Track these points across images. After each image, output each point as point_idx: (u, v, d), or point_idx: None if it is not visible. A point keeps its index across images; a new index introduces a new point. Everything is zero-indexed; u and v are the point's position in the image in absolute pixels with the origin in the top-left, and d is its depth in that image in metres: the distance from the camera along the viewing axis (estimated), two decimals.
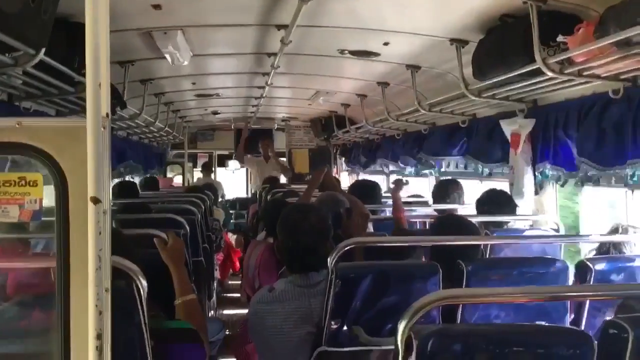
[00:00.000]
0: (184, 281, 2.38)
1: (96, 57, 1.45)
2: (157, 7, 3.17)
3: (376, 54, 4.35)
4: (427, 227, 4.17)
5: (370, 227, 3.71)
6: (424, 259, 3.07)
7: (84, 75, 3.01)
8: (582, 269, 2.48)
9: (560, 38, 2.67)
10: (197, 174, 10.84)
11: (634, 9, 2.28)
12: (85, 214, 1.42)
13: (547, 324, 2.19)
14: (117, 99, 4.24)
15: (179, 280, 2.37)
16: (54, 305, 1.44)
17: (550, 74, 2.87)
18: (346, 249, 2.26)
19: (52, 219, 1.54)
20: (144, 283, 1.74)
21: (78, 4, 1.59)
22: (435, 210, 4.38)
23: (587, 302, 2.40)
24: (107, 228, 1.43)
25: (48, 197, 1.61)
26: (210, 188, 7.20)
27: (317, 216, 2.54)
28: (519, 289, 1.76)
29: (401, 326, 1.39)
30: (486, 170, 4.46)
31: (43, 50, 2.58)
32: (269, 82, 5.52)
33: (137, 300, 1.75)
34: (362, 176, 8.42)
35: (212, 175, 9.96)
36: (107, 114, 1.47)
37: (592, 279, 2.43)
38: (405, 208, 4.14)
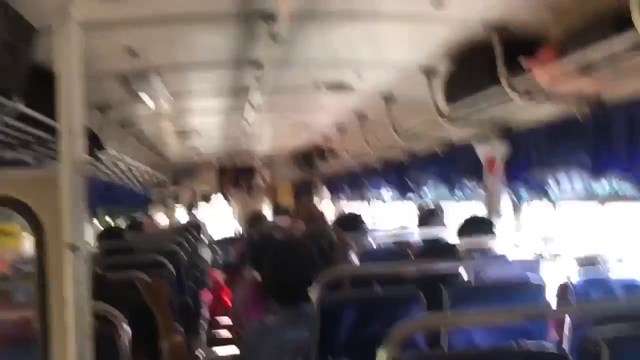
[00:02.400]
0: (168, 323, 2.39)
1: (68, 104, 1.48)
2: (132, 52, 3.22)
3: (351, 86, 4.43)
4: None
5: (355, 259, 3.72)
6: None
7: None
8: (563, 288, 2.54)
9: (521, 60, 2.75)
10: (180, 211, 10.80)
11: (592, 32, 2.38)
12: (64, 262, 1.43)
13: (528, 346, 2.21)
14: (94, 142, 4.24)
15: (163, 322, 2.37)
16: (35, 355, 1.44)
17: (516, 98, 2.95)
18: (329, 279, 2.30)
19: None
20: (128, 329, 1.74)
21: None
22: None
23: (568, 320, 2.44)
24: (87, 275, 1.43)
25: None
26: (196, 226, 7.19)
27: (305, 248, 2.61)
28: (495, 311, 1.79)
29: (381, 355, 1.41)
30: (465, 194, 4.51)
31: (18, 99, 2.57)
32: (248, 118, 5.57)
33: (120, 347, 1.74)
34: (345, 205, 8.45)
35: (195, 212, 9.95)
36: (82, 160, 1.49)
37: (573, 297, 2.47)
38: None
